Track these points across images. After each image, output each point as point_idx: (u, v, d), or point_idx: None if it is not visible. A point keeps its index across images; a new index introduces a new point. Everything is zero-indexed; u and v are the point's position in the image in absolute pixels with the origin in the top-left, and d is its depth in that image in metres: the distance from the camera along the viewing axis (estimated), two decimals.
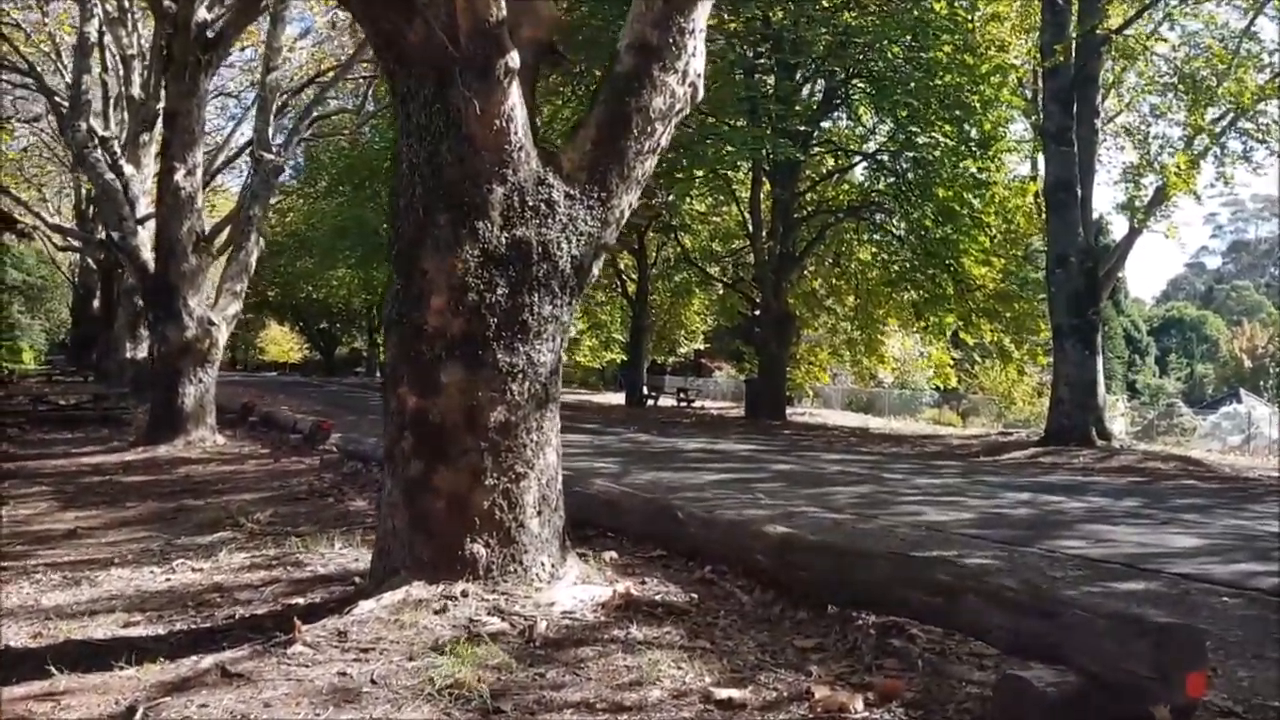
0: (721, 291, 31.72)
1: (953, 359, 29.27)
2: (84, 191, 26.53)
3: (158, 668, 3.27)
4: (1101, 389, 17.79)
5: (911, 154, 21.08)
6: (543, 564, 3.97)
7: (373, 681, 3.03)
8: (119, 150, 15.07)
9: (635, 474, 10.20)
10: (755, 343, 28.17)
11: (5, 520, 7.04)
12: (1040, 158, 20.84)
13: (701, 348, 43.36)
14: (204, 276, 12.35)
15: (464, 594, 3.70)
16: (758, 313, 25.66)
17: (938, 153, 20.23)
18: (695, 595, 4.07)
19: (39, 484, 8.84)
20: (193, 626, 3.97)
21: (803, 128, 21.90)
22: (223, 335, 12.44)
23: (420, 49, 3.81)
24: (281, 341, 67.56)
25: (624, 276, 32.64)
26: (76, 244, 26.03)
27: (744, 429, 21.29)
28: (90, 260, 27.77)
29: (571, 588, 3.95)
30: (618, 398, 35.35)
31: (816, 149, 24.50)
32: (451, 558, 3.83)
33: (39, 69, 17.82)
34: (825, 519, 7.38)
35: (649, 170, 4.24)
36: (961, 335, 25.77)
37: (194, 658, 3.37)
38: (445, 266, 3.82)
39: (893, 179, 22.55)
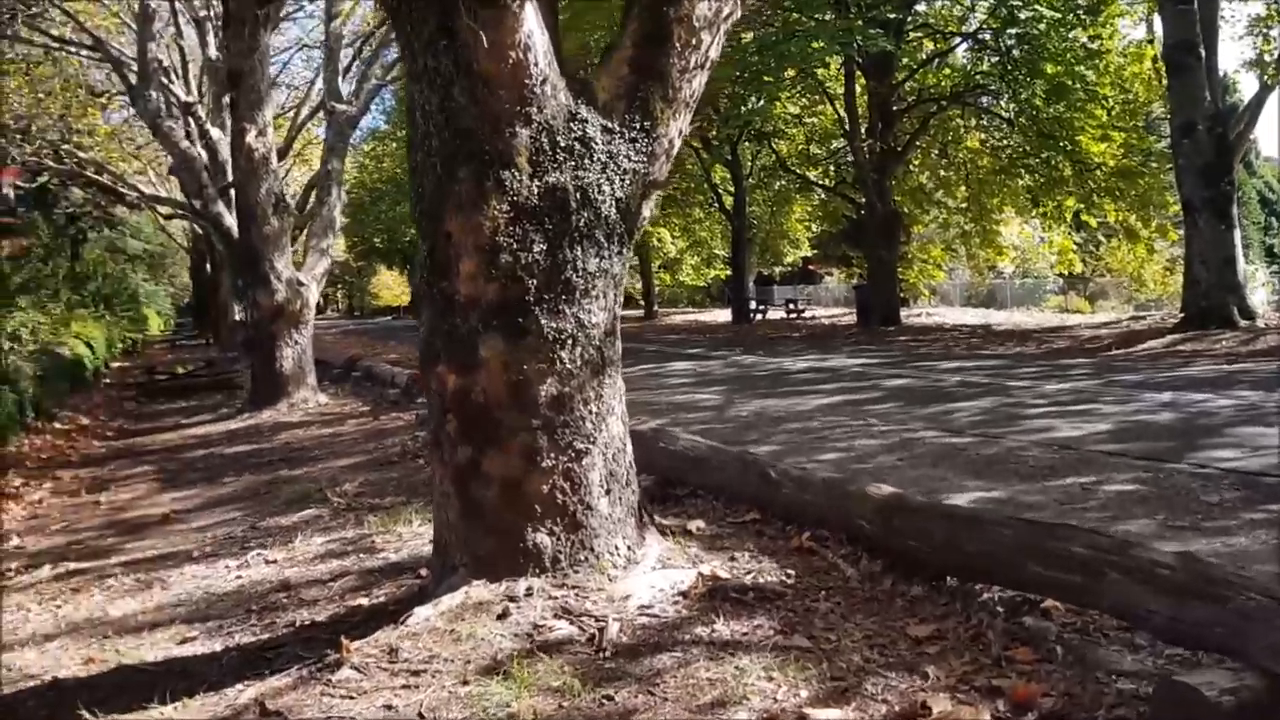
0: (823, 196, 30.53)
1: (1075, 243, 27.71)
2: None
3: (197, 704, 2.99)
4: (1241, 264, 16.43)
5: (1015, 30, 19.57)
6: (616, 548, 3.54)
7: (420, 716, 2.67)
8: (203, 115, 14.93)
9: (739, 405, 9.70)
10: (862, 246, 27.07)
11: (105, 507, 7.03)
12: (1156, 19, 19.12)
13: (809, 255, 42.11)
14: (288, 238, 12.20)
15: (528, 593, 3.30)
16: (863, 214, 24.56)
17: (1043, 25, 18.73)
18: (792, 572, 3.58)
19: (144, 463, 8.88)
20: (250, 639, 3.71)
21: (894, 15, 20.56)
22: (313, 294, 12.32)
23: None
24: (393, 286, 68.66)
25: (719, 190, 31.70)
26: (181, 212, 26.46)
27: (855, 339, 20.48)
28: (196, 227, 28.25)
29: (650, 574, 3.51)
30: (725, 314, 34.72)
31: (912, 35, 23.02)
32: (513, 551, 3.42)
33: (111, 41, 17.65)
34: (945, 444, 6.79)
35: (698, 90, 3.64)
36: (1083, 217, 24.31)
37: (238, 688, 3.08)
38: (471, 226, 3.33)
39: (997, 59, 21.09)
